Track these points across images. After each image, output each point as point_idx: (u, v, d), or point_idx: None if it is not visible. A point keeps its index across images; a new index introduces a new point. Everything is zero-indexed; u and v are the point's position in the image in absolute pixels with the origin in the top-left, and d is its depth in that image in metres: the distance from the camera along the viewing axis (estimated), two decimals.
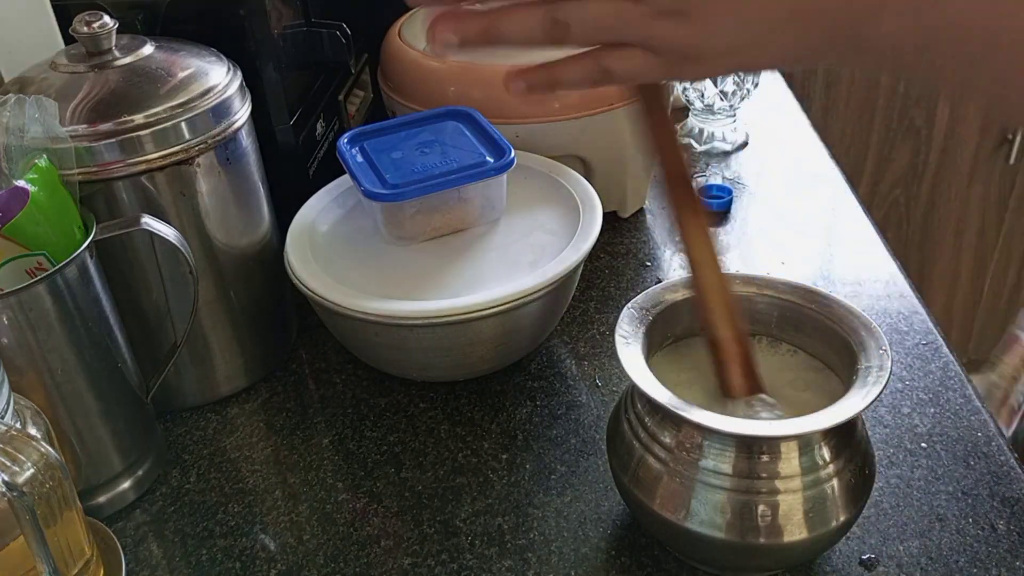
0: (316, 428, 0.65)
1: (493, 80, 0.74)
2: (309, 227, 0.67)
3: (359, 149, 0.68)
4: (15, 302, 0.50)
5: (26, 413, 0.47)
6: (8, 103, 0.53)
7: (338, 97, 0.84)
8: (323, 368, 0.70)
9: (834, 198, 0.88)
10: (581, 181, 0.70)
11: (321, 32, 0.78)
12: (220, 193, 0.61)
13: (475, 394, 0.66)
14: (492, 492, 0.58)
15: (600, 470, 0.59)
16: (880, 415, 0.62)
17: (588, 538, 0.55)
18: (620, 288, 0.76)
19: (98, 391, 0.55)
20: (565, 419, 0.64)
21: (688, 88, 0.95)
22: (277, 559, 0.55)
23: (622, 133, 0.77)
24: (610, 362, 0.69)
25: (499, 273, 0.63)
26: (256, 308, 0.67)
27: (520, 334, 0.64)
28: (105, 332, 0.55)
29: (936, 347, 0.68)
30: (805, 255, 0.80)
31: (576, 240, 0.64)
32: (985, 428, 0.61)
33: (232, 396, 0.67)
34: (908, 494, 0.56)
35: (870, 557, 0.53)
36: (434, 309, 0.59)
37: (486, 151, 0.67)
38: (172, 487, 0.61)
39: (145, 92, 0.56)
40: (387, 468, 0.61)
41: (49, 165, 0.52)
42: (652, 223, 0.85)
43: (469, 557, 0.54)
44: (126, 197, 0.57)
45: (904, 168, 1.79)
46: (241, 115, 0.61)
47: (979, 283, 1.93)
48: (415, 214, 0.65)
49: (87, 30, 0.57)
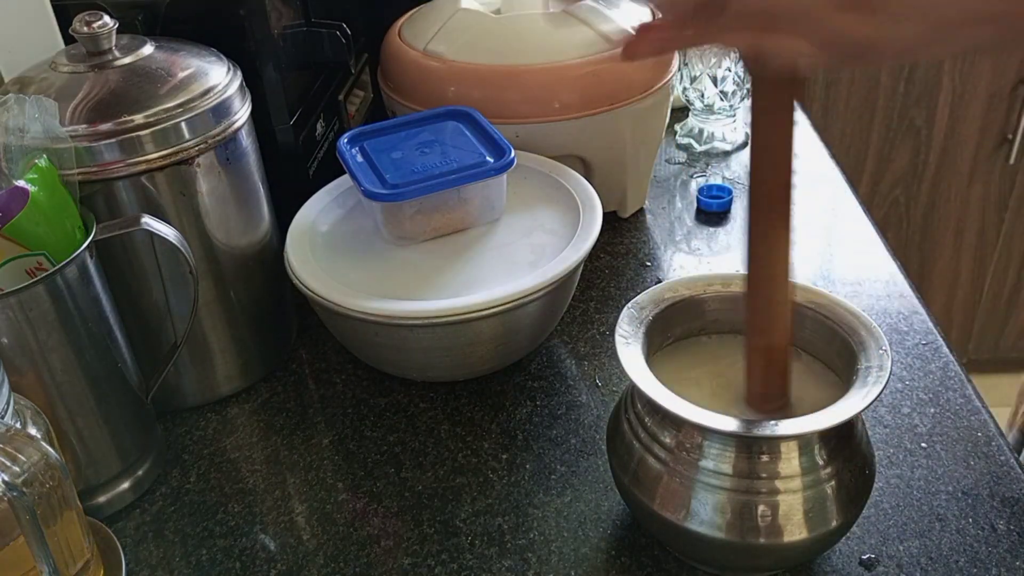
0: (316, 428, 0.65)
1: (493, 80, 0.75)
2: (309, 227, 0.67)
3: (359, 149, 0.68)
4: (15, 302, 0.50)
5: (26, 413, 0.47)
6: (8, 103, 0.53)
7: (338, 97, 0.84)
8: (323, 368, 0.70)
9: (834, 198, 0.88)
10: (581, 181, 0.70)
11: (321, 32, 0.78)
12: (220, 193, 0.61)
13: (475, 394, 0.66)
14: (492, 492, 0.58)
15: (600, 470, 0.59)
16: (880, 415, 0.62)
17: (588, 538, 0.55)
18: (620, 288, 0.76)
19: (98, 391, 0.55)
20: (565, 419, 0.64)
21: (688, 88, 0.95)
22: (277, 559, 0.55)
23: (622, 133, 0.77)
24: (610, 362, 0.69)
25: (499, 273, 0.63)
26: (256, 308, 0.67)
27: (520, 334, 0.64)
28: (105, 332, 0.55)
29: (936, 347, 0.68)
30: (805, 255, 0.80)
31: (576, 240, 0.64)
32: (985, 428, 0.61)
33: (232, 396, 0.67)
34: (908, 494, 0.56)
35: (870, 557, 0.53)
36: (434, 309, 0.59)
37: (486, 151, 0.67)
38: (172, 487, 0.61)
39: (145, 92, 0.56)
40: (387, 468, 0.61)
41: (49, 165, 0.52)
42: (652, 223, 0.85)
43: (469, 557, 0.54)
44: (126, 197, 0.57)
45: (904, 168, 1.79)
46: (241, 115, 0.61)
47: (979, 283, 1.93)
48: (415, 214, 0.65)
49: (87, 30, 0.57)
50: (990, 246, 1.89)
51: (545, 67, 0.74)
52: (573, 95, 0.74)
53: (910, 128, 1.75)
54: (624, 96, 0.75)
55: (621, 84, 0.75)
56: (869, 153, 1.78)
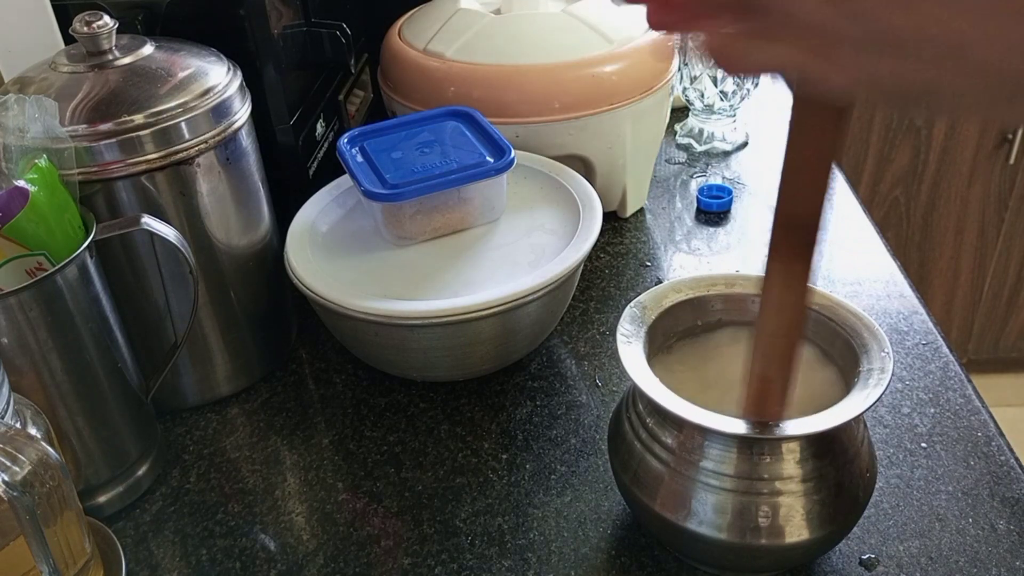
0: (316, 428, 0.65)
1: (493, 80, 0.75)
2: (309, 227, 0.67)
3: (359, 149, 0.68)
4: (15, 302, 0.50)
5: (26, 413, 0.47)
6: (8, 103, 0.53)
7: (338, 97, 0.84)
8: (323, 368, 0.70)
9: (834, 198, 0.88)
10: (581, 181, 0.70)
11: (321, 32, 0.78)
12: (220, 193, 0.61)
13: (475, 394, 0.66)
14: (492, 492, 0.58)
15: (600, 470, 0.59)
16: (880, 415, 0.62)
17: (588, 538, 0.55)
18: (620, 288, 0.76)
19: (98, 391, 0.55)
20: (565, 419, 0.64)
21: (688, 88, 0.95)
22: (277, 559, 0.55)
23: (622, 133, 0.77)
24: (610, 362, 0.69)
25: (499, 273, 0.63)
26: (256, 308, 0.67)
27: (520, 334, 0.64)
28: (105, 332, 0.55)
29: (936, 347, 0.68)
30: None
31: (576, 240, 0.64)
32: (985, 428, 0.61)
33: (232, 396, 0.67)
34: (908, 494, 0.56)
35: (870, 557, 0.53)
36: (434, 309, 0.59)
37: (486, 151, 0.67)
38: (172, 487, 0.61)
39: (145, 92, 0.56)
40: (387, 468, 0.61)
41: (49, 165, 0.52)
42: (652, 223, 0.85)
43: (469, 557, 0.54)
44: (126, 197, 0.57)
45: (904, 168, 1.79)
46: (241, 115, 0.61)
47: (979, 283, 1.93)
48: (415, 214, 0.65)
49: (87, 30, 0.57)
50: (990, 246, 1.89)
51: (545, 67, 0.74)
52: (573, 95, 0.74)
53: (910, 128, 1.75)
54: (624, 96, 0.75)
55: (621, 84, 0.75)
56: (869, 153, 1.78)
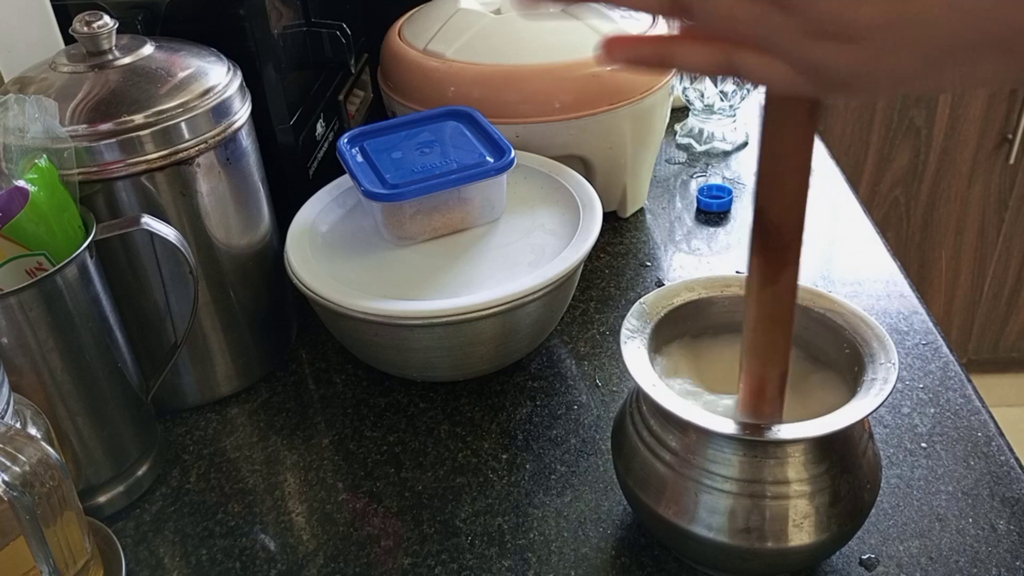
0: (316, 428, 0.65)
1: (493, 80, 0.75)
2: (309, 227, 0.67)
3: (359, 149, 0.68)
4: (15, 302, 0.50)
5: (26, 413, 0.47)
6: (8, 103, 0.53)
7: (338, 97, 0.84)
8: (323, 368, 0.70)
9: (834, 198, 0.88)
10: (581, 181, 0.70)
11: (321, 32, 0.79)
12: (220, 193, 0.61)
13: (475, 394, 0.66)
14: (492, 492, 0.58)
15: (600, 470, 0.59)
16: (880, 415, 0.62)
17: (588, 538, 0.55)
18: (620, 288, 0.76)
19: (98, 391, 0.55)
20: (565, 419, 0.64)
21: (688, 88, 0.95)
22: (277, 559, 0.55)
23: (622, 133, 0.77)
24: (610, 362, 0.69)
25: (499, 273, 0.63)
26: (256, 308, 0.67)
27: (520, 334, 0.64)
28: (105, 332, 0.55)
29: (936, 347, 0.68)
30: (805, 255, 0.79)
31: (576, 240, 0.64)
32: (985, 428, 0.61)
33: (232, 396, 0.67)
34: (908, 494, 0.56)
35: (870, 557, 0.53)
36: (434, 309, 0.59)
37: (486, 151, 0.67)
38: (172, 487, 0.60)
39: (145, 92, 0.56)
40: (387, 468, 0.61)
41: (49, 165, 0.52)
42: (652, 223, 0.85)
43: (469, 557, 0.54)
44: (126, 197, 0.57)
45: (904, 168, 1.79)
46: (241, 115, 0.61)
47: (979, 283, 1.93)
48: (415, 214, 0.65)
49: (87, 30, 0.57)
50: (990, 246, 1.89)
51: (545, 67, 0.74)
52: (573, 95, 0.74)
53: (910, 128, 1.75)
54: (624, 96, 0.75)
55: (621, 84, 0.75)
56: (869, 153, 1.78)
